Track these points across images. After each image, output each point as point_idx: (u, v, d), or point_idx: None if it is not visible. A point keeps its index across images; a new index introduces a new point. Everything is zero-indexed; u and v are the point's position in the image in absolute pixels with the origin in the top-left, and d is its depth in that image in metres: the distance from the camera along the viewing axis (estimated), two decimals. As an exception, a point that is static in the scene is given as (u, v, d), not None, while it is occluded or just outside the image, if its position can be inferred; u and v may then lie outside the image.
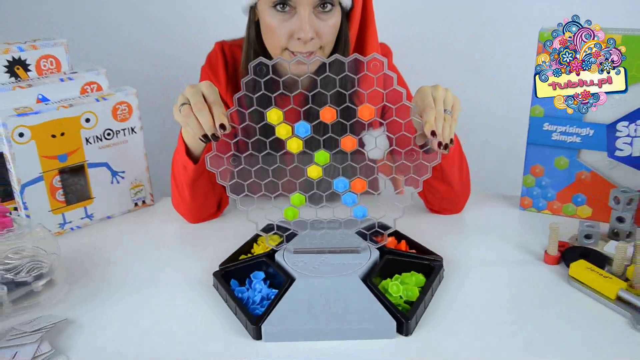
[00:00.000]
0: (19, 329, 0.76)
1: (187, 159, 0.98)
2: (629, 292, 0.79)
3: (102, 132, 1.09)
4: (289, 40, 0.99)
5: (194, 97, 0.86)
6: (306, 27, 0.96)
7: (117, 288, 0.89)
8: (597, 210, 1.05)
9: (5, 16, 1.59)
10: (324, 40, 1.00)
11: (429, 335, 0.75)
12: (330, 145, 0.86)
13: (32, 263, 0.83)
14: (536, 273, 0.90)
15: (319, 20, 0.98)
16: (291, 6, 0.97)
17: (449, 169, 1.00)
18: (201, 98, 0.86)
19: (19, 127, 0.98)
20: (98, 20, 1.64)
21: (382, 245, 0.90)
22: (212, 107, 0.86)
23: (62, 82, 1.07)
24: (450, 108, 0.87)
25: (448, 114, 0.86)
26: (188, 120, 0.86)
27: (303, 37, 0.97)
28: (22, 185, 1.01)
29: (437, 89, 0.88)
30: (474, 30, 1.70)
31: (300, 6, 0.95)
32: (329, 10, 0.98)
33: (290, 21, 0.97)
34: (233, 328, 0.78)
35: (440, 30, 1.71)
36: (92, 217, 1.11)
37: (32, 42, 1.08)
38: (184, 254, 0.99)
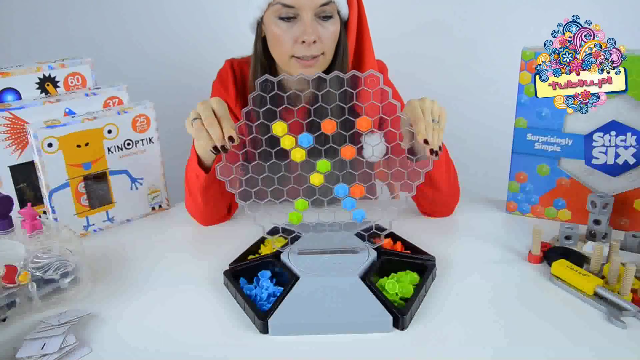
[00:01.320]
0: (47, 322, 0.76)
1: (199, 168, 0.98)
2: (605, 289, 0.79)
3: (123, 142, 1.09)
4: (294, 45, 0.99)
5: (205, 112, 0.86)
6: (309, 30, 0.96)
7: (136, 285, 0.89)
8: (575, 214, 1.05)
9: (38, 37, 1.60)
10: (325, 46, 1.00)
11: (422, 329, 0.75)
12: (331, 155, 0.86)
13: (59, 262, 0.83)
14: (521, 271, 0.89)
15: (320, 26, 0.98)
16: (294, 14, 0.97)
17: (437, 175, 1.00)
18: (211, 113, 0.86)
19: (48, 138, 0.99)
20: (120, 41, 1.65)
21: (379, 246, 0.90)
22: (221, 121, 0.86)
23: (87, 96, 1.08)
24: (438, 117, 0.88)
25: (435, 123, 0.87)
26: (200, 134, 0.86)
27: (307, 40, 0.97)
28: (50, 191, 1.01)
29: (425, 101, 0.88)
30: (463, 48, 1.71)
31: (302, 12, 0.96)
32: (329, 18, 0.99)
33: (294, 28, 0.98)
34: (242, 323, 0.78)
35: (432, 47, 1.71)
36: (113, 220, 1.12)
37: (61, 61, 1.09)
38: (197, 254, 0.99)
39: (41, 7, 1.59)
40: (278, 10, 0.96)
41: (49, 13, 1.61)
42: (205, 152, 0.96)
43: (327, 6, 0.96)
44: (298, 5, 0.95)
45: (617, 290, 0.79)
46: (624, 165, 0.98)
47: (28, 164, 1.03)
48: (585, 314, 0.77)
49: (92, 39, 1.62)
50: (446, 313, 0.79)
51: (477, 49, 1.70)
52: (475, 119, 1.69)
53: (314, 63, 0.99)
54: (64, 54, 1.15)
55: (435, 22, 1.69)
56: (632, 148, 0.96)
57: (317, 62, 0.99)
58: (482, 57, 1.69)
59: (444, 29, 1.69)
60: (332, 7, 0.97)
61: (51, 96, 1.07)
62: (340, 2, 0.98)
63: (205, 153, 0.96)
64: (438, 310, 0.79)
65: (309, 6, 0.95)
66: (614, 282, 0.81)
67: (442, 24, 1.69)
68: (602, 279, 0.81)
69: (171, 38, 1.67)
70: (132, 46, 1.66)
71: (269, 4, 0.97)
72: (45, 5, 1.60)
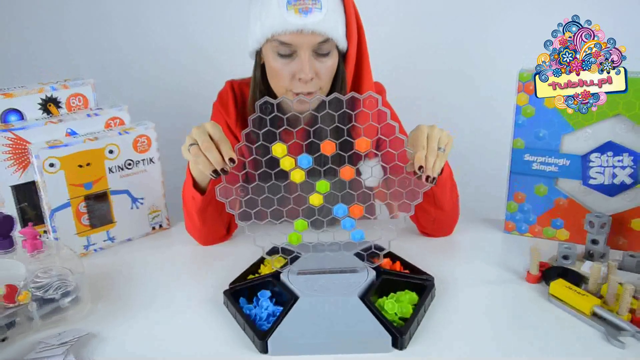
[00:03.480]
0: (47, 342, 0.76)
1: (195, 191, 0.99)
2: (603, 309, 0.79)
3: (124, 162, 1.10)
4: (292, 81, 1.00)
5: (201, 137, 0.87)
6: (306, 69, 0.97)
7: (137, 305, 0.89)
8: (573, 233, 1.05)
9: (41, 59, 1.63)
10: (322, 82, 1.01)
11: (421, 349, 0.75)
12: (330, 175, 0.87)
13: (60, 282, 0.83)
14: (519, 291, 0.90)
15: (318, 62, 0.99)
16: (292, 52, 0.98)
17: (440, 195, 1.01)
18: (208, 137, 0.87)
19: (49, 158, 1.00)
20: (121, 62, 1.67)
21: (378, 266, 0.90)
22: (219, 144, 0.87)
23: (89, 117, 1.09)
24: (444, 146, 0.89)
25: (441, 151, 0.88)
26: (198, 159, 0.87)
27: (304, 78, 0.98)
28: (52, 211, 1.02)
29: (433, 129, 0.89)
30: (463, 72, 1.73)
31: (300, 50, 0.97)
32: (327, 53, 1.00)
33: (292, 64, 0.99)
34: (242, 342, 0.78)
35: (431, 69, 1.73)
36: (114, 240, 1.12)
37: (64, 82, 1.11)
38: (197, 274, 0.99)
39: (44, 30, 1.62)
40: (276, 46, 0.98)
41: (52, 35, 1.63)
42: (200, 175, 0.97)
43: (325, 44, 0.97)
44: (296, 43, 0.96)
45: (615, 310, 0.80)
46: (621, 185, 0.99)
47: (30, 183, 1.04)
48: (583, 333, 0.78)
49: (94, 59, 1.65)
50: (445, 333, 0.79)
51: (475, 73, 1.72)
52: (473, 139, 1.70)
53: (311, 97, 1.00)
54: (66, 75, 1.17)
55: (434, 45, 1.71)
56: (629, 168, 0.97)
57: (313, 96, 1.00)
58: (482, 79, 1.71)
59: (443, 51, 1.72)
60: (331, 44, 0.98)
61: (53, 117, 1.08)
62: (338, 39, 0.99)
63: (201, 176, 0.97)
64: (437, 330, 0.80)
65: (307, 44, 0.96)
66: (612, 302, 0.81)
67: (441, 46, 1.71)
68: (600, 299, 0.82)
69: (172, 60, 1.70)
70: (133, 67, 1.68)
71: (267, 40, 0.99)
72: (48, 28, 1.62)
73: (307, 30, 0.95)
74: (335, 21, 0.98)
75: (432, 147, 0.87)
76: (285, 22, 0.94)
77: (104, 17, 1.63)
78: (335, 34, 0.98)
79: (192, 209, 1.02)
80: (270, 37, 0.97)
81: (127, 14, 1.64)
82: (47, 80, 1.12)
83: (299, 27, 0.95)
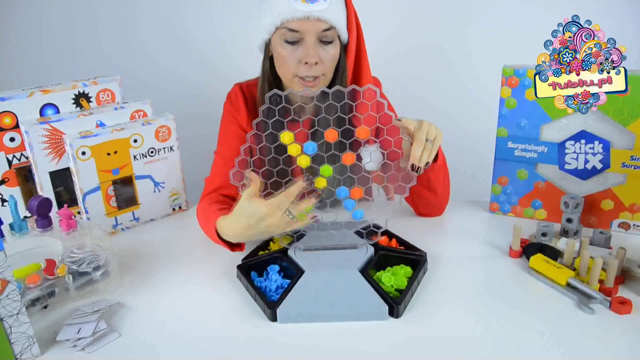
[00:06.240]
0: (82, 310, 0.78)
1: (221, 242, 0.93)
2: (576, 280, 0.80)
3: (147, 151, 1.10)
4: (298, 66, 0.99)
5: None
6: (311, 52, 0.96)
7: (159, 278, 0.90)
8: (551, 213, 1.05)
9: (74, 59, 1.63)
10: (325, 67, 1.00)
11: (415, 317, 0.76)
12: (333, 161, 0.87)
13: (92, 257, 0.84)
14: (502, 265, 0.90)
15: (322, 49, 0.99)
16: (299, 38, 0.98)
17: (434, 179, 1.01)
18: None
19: (81, 147, 1.00)
20: (145, 60, 1.67)
21: (376, 243, 0.91)
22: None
23: (116, 110, 1.09)
24: (433, 138, 0.88)
25: (429, 142, 0.87)
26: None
27: (309, 61, 0.97)
28: (84, 194, 1.03)
29: (422, 123, 0.88)
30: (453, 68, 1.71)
31: (306, 36, 0.96)
32: (330, 42, 0.99)
33: (298, 50, 0.98)
34: (253, 311, 0.79)
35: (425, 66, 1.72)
36: (139, 220, 1.13)
37: (94, 79, 1.11)
38: (212, 250, 0.99)
39: (77, 33, 1.62)
40: (284, 34, 0.97)
41: (84, 37, 1.63)
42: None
43: (328, 31, 0.97)
44: (302, 29, 0.96)
45: (587, 281, 0.80)
46: (592, 170, 0.98)
47: (65, 169, 1.04)
48: (558, 301, 0.78)
49: (121, 57, 1.64)
50: (436, 302, 0.79)
51: (465, 68, 1.71)
52: (462, 128, 1.69)
53: (315, 84, 0.99)
54: (96, 73, 1.18)
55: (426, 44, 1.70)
56: (600, 155, 0.97)
57: (317, 82, 1.00)
58: (469, 74, 1.70)
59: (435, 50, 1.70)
60: (334, 32, 0.98)
61: (85, 110, 1.08)
62: (340, 28, 0.99)
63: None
64: (429, 299, 0.80)
65: (312, 31, 0.96)
66: (584, 274, 0.82)
67: (433, 45, 1.70)
68: (574, 271, 0.82)
69: (190, 58, 1.69)
70: (155, 64, 1.68)
71: (277, 28, 0.98)
72: (80, 31, 1.62)
73: (313, 17, 0.94)
74: (338, 11, 0.97)
75: (419, 139, 0.87)
76: (294, 10, 0.94)
77: (132, 19, 1.63)
78: (338, 23, 0.97)
79: (212, 236, 0.95)
80: (279, 25, 0.97)
81: (154, 16, 1.64)
82: (80, 77, 1.12)
83: (305, 14, 0.94)
